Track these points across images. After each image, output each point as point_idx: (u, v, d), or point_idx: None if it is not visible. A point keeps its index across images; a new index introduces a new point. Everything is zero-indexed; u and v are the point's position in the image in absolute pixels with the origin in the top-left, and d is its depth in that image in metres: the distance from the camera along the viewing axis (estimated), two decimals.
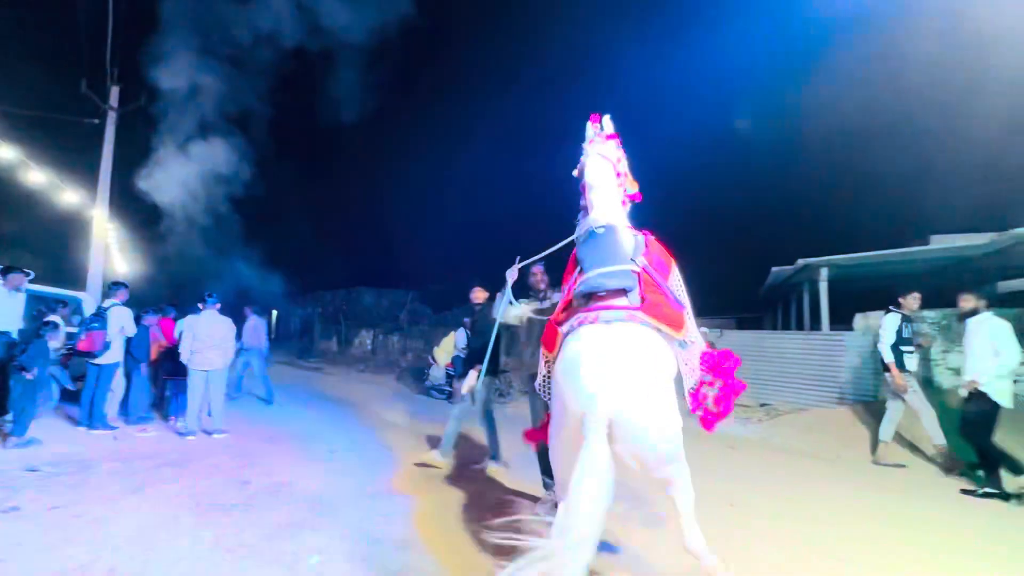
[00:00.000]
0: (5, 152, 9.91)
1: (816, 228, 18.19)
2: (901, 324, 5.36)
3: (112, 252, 12.84)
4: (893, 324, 5.37)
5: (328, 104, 14.72)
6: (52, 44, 16.96)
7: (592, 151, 2.98)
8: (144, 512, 3.40)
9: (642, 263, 2.56)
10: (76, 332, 5.84)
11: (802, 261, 9.34)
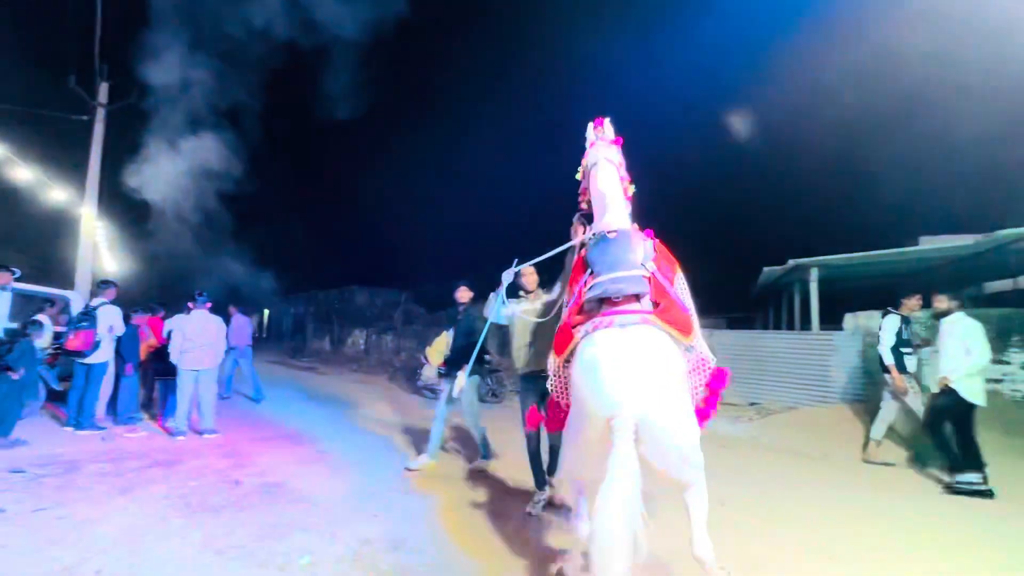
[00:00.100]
0: None
1: (807, 228, 18.40)
2: (901, 326, 5.39)
3: (100, 250, 12.72)
4: (893, 326, 5.38)
5: (322, 101, 14.64)
6: (40, 39, 16.76)
7: (599, 156, 2.98)
8: (132, 513, 3.37)
9: (652, 268, 2.63)
10: (64, 331, 5.78)
11: (793, 261, 9.40)
